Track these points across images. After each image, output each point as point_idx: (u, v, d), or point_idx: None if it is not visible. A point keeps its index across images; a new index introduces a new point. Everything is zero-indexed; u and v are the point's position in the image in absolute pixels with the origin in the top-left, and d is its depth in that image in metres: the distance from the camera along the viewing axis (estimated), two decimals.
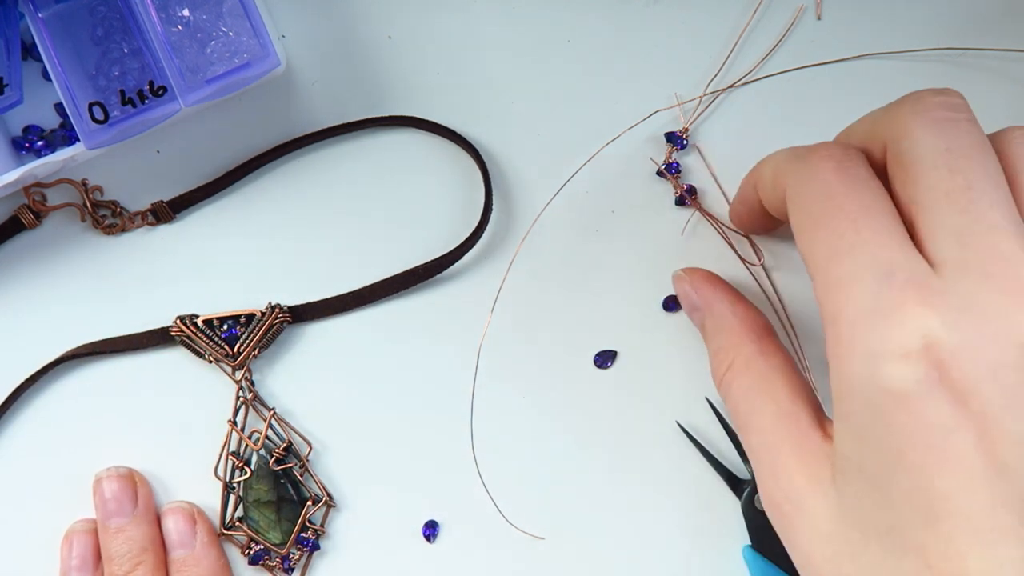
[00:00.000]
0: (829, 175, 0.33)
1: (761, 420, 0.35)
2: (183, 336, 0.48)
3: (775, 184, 0.36)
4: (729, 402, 0.38)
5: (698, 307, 0.41)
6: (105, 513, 0.46)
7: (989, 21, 0.49)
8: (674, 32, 0.49)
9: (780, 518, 0.33)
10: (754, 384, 0.36)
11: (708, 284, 0.41)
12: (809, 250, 0.33)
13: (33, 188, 0.48)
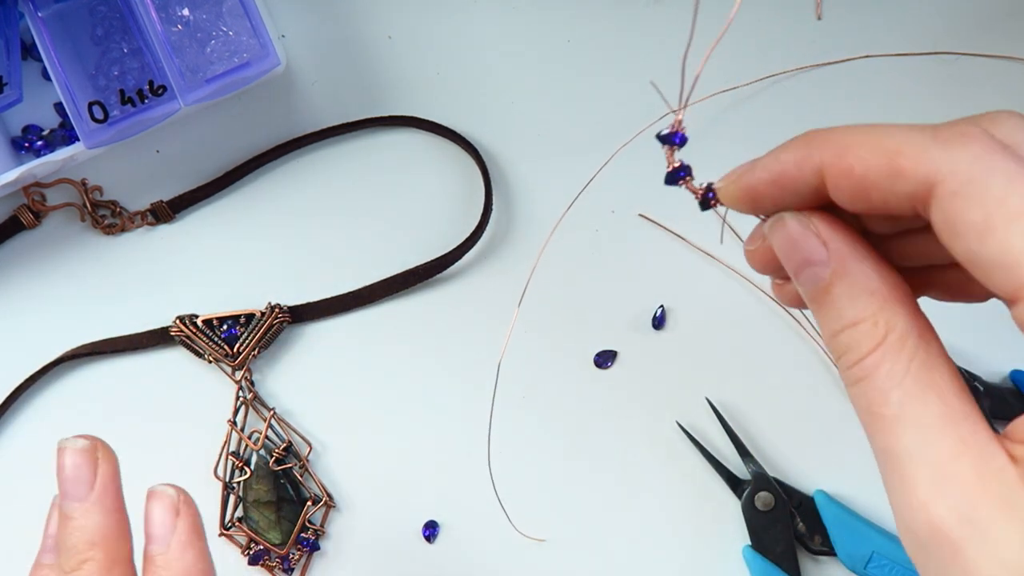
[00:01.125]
0: None
1: (924, 416, 0.28)
2: (183, 336, 0.48)
3: (905, 171, 0.27)
4: (871, 387, 0.29)
5: (822, 261, 0.30)
6: (61, 491, 0.38)
7: (988, 24, 0.49)
8: (674, 33, 0.49)
9: (944, 540, 0.27)
10: (914, 370, 0.29)
11: (843, 233, 0.30)
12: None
13: (33, 188, 0.48)
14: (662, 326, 0.48)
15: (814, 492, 0.46)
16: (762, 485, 0.46)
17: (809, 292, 0.30)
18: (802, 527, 0.46)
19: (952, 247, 0.25)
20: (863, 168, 0.28)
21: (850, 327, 0.29)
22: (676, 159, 0.35)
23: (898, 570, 0.45)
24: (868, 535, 0.45)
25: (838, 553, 0.45)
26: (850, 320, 0.29)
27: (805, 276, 0.30)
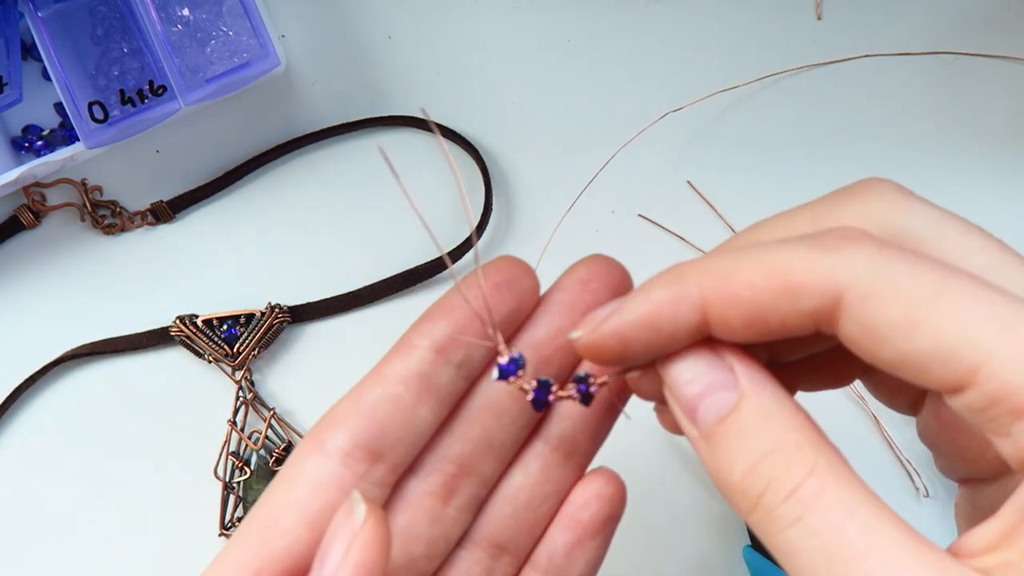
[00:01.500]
0: None
1: (890, 549, 0.23)
2: (183, 336, 0.48)
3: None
4: (820, 523, 0.24)
5: (727, 385, 0.25)
6: None
7: (988, 23, 0.49)
8: (674, 32, 0.49)
9: None
10: (857, 498, 0.24)
11: (748, 363, 0.25)
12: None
13: (33, 188, 0.48)
14: None
15: None
16: None
17: (708, 423, 0.24)
18: None
19: (876, 353, 0.22)
20: (752, 293, 0.23)
21: (771, 455, 0.24)
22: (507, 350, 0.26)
23: None
24: None
25: None
26: (769, 446, 0.24)
27: (705, 406, 0.25)
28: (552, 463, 0.27)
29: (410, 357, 0.26)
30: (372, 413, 0.25)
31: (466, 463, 0.26)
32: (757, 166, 0.49)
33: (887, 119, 0.49)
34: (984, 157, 0.48)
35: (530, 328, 0.27)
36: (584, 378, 0.26)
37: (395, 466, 0.25)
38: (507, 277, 0.26)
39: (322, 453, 0.25)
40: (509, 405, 0.26)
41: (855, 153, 0.49)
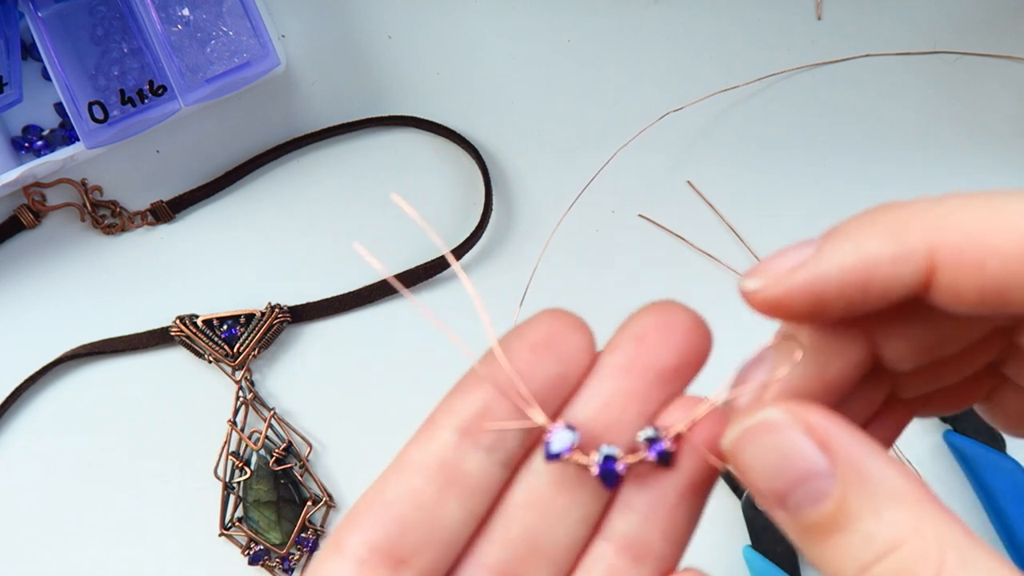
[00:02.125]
0: None
1: None
2: (183, 336, 0.48)
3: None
4: None
5: (822, 472, 0.20)
6: None
7: (989, 23, 0.49)
8: (674, 33, 0.49)
9: None
10: None
11: (845, 431, 0.20)
12: None
13: (33, 188, 0.48)
14: None
15: None
16: None
17: (807, 518, 0.20)
18: None
19: None
20: (1002, 262, 0.19)
21: (890, 553, 0.20)
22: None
23: None
24: None
25: None
26: (886, 543, 0.20)
27: (798, 498, 0.20)
28: (620, 569, 0.22)
29: (431, 441, 0.22)
30: (391, 510, 0.21)
31: (509, 572, 0.21)
32: (757, 166, 0.49)
33: (887, 119, 0.49)
34: (985, 157, 0.48)
35: (577, 400, 0.22)
36: (653, 436, 0.21)
37: (423, 573, 0.21)
38: (546, 336, 0.21)
39: (340, 557, 0.21)
40: (555, 497, 0.21)
41: (855, 153, 0.49)
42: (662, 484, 0.21)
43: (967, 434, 0.46)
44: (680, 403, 0.21)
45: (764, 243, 0.48)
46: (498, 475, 0.21)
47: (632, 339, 0.21)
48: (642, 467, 0.21)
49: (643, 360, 0.21)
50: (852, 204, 0.50)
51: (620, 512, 0.22)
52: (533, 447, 0.22)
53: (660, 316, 0.22)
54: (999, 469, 0.46)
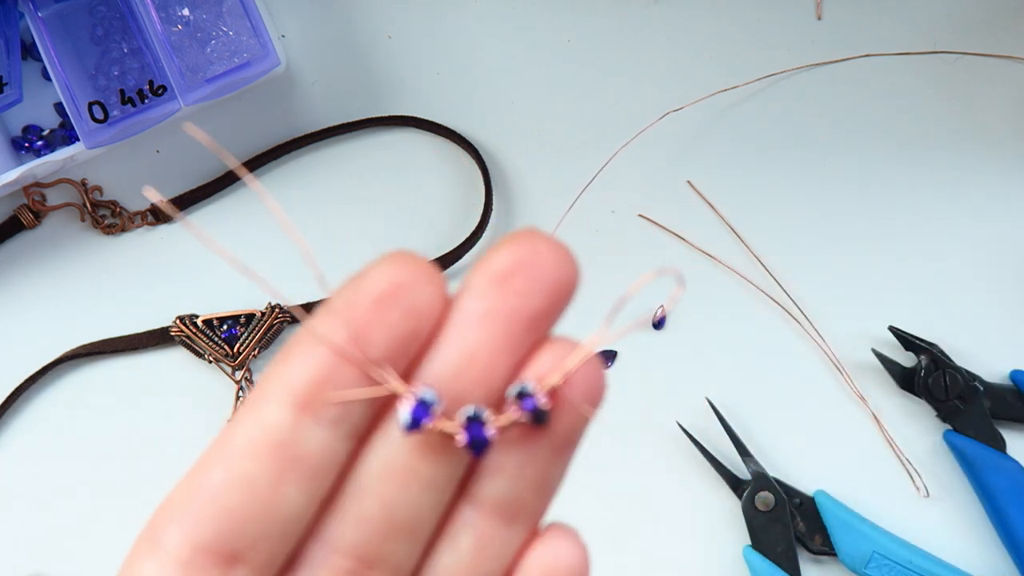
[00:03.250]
0: None
1: None
2: (183, 336, 0.48)
3: None
4: None
5: None
6: None
7: (989, 23, 0.49)
8: (674, 33, 0.49)
9: None
10: None
11: None
12: None
13: (33, 188, 0.48)
14: (662, 326, 0.48)
15: (814, 492, 0.46)
16: (762, 485, 0.46)
17: None
18: (802, 527, 0.46)
19: None
20: None
21: None
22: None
23: (898, 570, 0.45)
24: (868, 535, 0.45)
25: (838, 553, 0.45)
26: None
27: None
28: (489, 534, 0.19)
29: (261, 417, 0.18)
30: (217, 502, 0.18)
31: (366, 553, 0.19)
32: (757, 166, 0.49)
33: (887, 119, 0.49)
34: (985, 157, 0.48)
35: (431, 358, 0.18)
36: (528, 391, 0.18)
37: (261, 569, 0.18)
38: (392, 286, 0.18)
39: (157, 558, 0.19)
40: (416, 465, 0.18)
41: (855, 153, 0.49)
42: (535, 443, 0.19)
43: (967, 434, 0.46)
44: (549, 348, 0.18)
45: (764, 243, 0.48)
46: (343, 449, 0.18)
47: (494, 281, 0.18)
48: (512, 428, 0.18)
49: (509, 305, 0.18)
50: (852, 204, 0.50)
51: (489, 476, 0.19)
52: (383, 412, 0.19)
53: (524, 251, 0.18)
54: (999, 469, 0.46)
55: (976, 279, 0.48)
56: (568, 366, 0.18)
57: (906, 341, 0.47)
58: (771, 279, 0.48)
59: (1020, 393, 0.46)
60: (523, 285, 0.18)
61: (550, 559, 0.20)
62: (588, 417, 0.19)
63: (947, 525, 0.47)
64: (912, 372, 0.47)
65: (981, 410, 0.46)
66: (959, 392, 0.46)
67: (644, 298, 0.48)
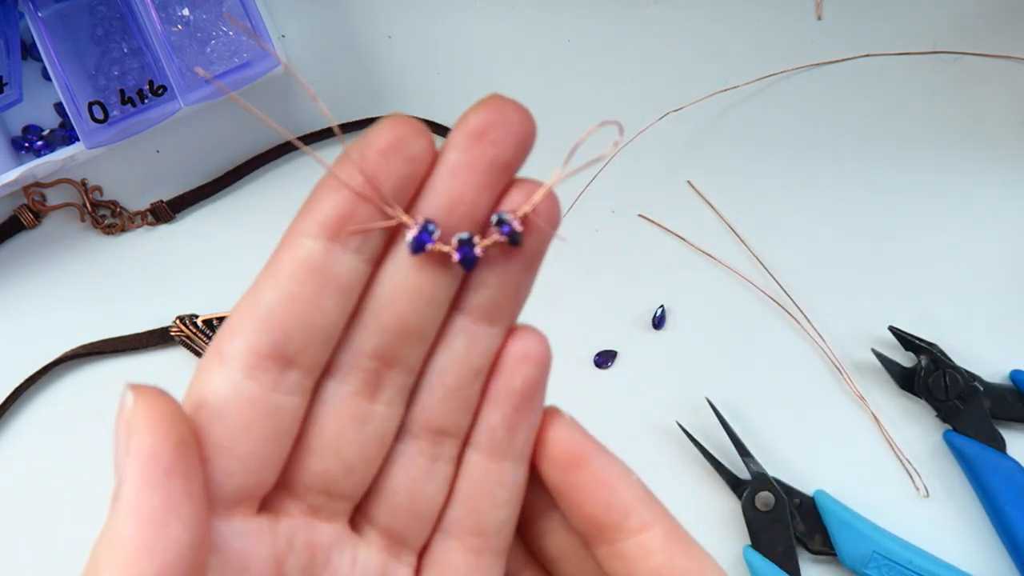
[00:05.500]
0: None
1: None
2: (183, 336, 0.48)
3: None
4: None
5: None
6: None
7: (988, 23, 0.49)
8: (674, 33, 0.49)
9: None
10: None
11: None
12: None
13: (33, 188, 0.48)
14: (662, 326, 0.48)
15: (814, 492, 0.46)
16: (762, 485, 0.46)
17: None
18: (802, 527, 0.46)
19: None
20: None
21: None
22: None
23: (898, 570, 0.45)
24: (868, 535, 0.45)
25: (838, 553, 0.45)
26: None
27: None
28: (476, 335, 0.24)
29: (299, 248, 0.23)
30: (271, 316, 0.22)
31: (386, 354, 0.24)
32: (757, 166, 0.49)
33: (887, 119, 0.49)
34: (985, 157, 0.48)
35: (429, 195, 0.23)
36: (505, 219, 0.23)
37: (309, 370, 0.23)
38: (392, 140, 0.22)
39: (225, 366, 0.22)
40: (421, 283, 0.23)
41: (855, 153, 0.49)
42: (511, 259, 0.24)
43: (967, 434, 0.46)
44: (518, 187, 0.24)
45: (764, 243, 0.48)
46: (364, 271, 0.23)
47: (472, 137, 0.23)
48: (493, 247, 0.23)
49: (485, 155, 0.23)
50: (852, 204, 0.50)
51: (475, 288, 0.24)
52: (392, 242, 0.23)
53: (494, 112, 0.23)
54: (999, 469, 0.46)
55: (976, 279, 0.48)
56: (534, 199, 0.23)
57: (906, 341, 0.47)
58: (771, 279, 0.48)
59: (1020, 393, 0.46)
60: (495, 138, 0.23)
61: (521, 348, 0.25)
62: (550, 235, 0.24)
63: (947, 525, 0.47)
64: (912, 372, 0.47)
65: (981, 410, 0.46)
66: (959, 392, 0.46)
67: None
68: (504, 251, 0.24)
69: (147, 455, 0.21)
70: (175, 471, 0.21)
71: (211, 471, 0.22)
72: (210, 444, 0.22)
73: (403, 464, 0.25)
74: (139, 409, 0.21)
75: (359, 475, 0.24)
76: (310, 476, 0.24)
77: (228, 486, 0.22)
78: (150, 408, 0.21)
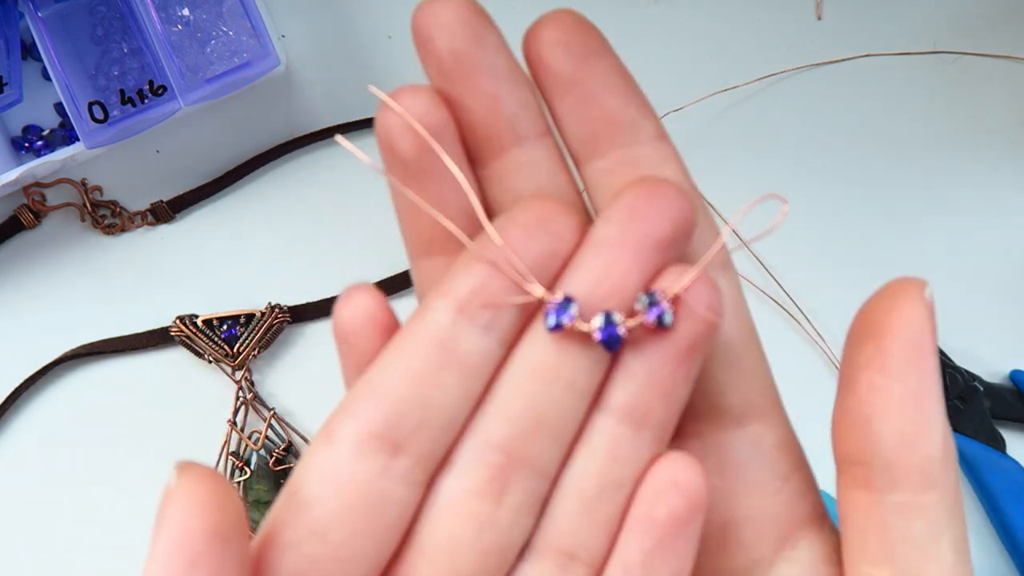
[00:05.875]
0: None
1: None
2: (183, 336, 0.48)
3: None
4: None
5: None
6: None
7: (988, 23, 0.49)
8: (674, 33, 0.49)
9: None
10: None
11: None
12: None
13: (33, 188, 0.48)
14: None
15: None
16: None
17: None
18: None
19: None
20: None
21: None
22: None
23: None
24: None
25: None
26: None
27: None
28: (620, 439, 0.21)
29: (426, 323, 0.20)
30: (386, 395, 0.20)
31: (515, 450, 0.21)
32: (757, 166, 0.49)
33: (887, 119, 0.49)
34: (985, 157, 0.48)
35: (573, 272, 0.21)
36: (654, 298, 0.20)
37: (422, 458, 0.20)
38: (537, 216, 0.21)
39: (332, 447, 0.20)
40: (559, 364, 0.21)
41: (855, 153, 0.49)
42: (661, 348, 0.21)
43: (967, 434, 0.46)
44: (672, 271, 0.21)
45: (764, 243, 0.48)
46: (495, 353, 0.21)
47: (625, 210, 0.21)
48: (641, 331, 0.21)
49: (639, 230, 0.21)
50: (852, 204, 0.50)
51: (620, 382, 0.21)
52: (528, 323, 0.21)
53: (650, 188, 0.21)
54: (999, 469, 0.46)
55: (976, 279, 0.48)
56: (684, 279, 0.21)
57: None
58: (771, 279, 0.48)
59: (1020, 393, 0.46)
60: (650, 212, 0.21)
61: (669, 473, 0.21)
62: (710, 324, 0.21)
63: None
64: None
65: (981, 410, 0.46)
66: (959, 392, 0.46)
67: None
68: (654, 337, 0.21)
69: (174, 541, 0.19)
70: (202, 563, 0.19)
71: (295, 558, 0.20)
72: (300, 530, 0.20)
73: None
74: (179, 489, 0.19)
75: None
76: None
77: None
78: (191, 489, 0.19)
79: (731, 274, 0.24)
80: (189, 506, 0.19)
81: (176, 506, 0.19)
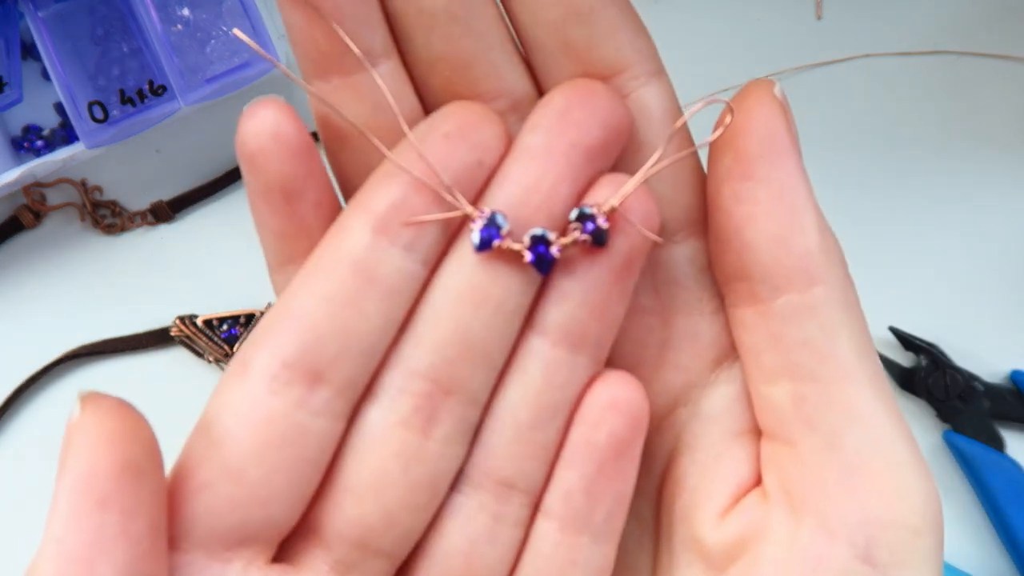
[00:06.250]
0: None
1: None
2: (183, 336, 0.48)
3: None
4: None
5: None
6: None
7: (988, 23, 0.49)
8: (674, 32, 0.49)
9: None
10: None
11: None
12: None
13: (33, 188, 0.48)
14: None
15: None
16: None
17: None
18: None
19: None
20: None
21: None
22: None
23: None
24: None
25: None
26: None
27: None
28: (556, 362, 0.20)
29: (342, 242, 0.19)
30: (302, 321, 0.19)
31: (442, 377, 0.19)
32: None
33: (887, 119, 0.49)
34: (985, 157, 0.48)
35: (499, 184, 0.19)
36: (588, 214, 0.19)
37: (343, 388, 0.19)
38: (459, 125, 0.19)
39: (246, 379, 0.19)
40: (487, 286, 0.19)
41: (855, 153, 0.49)
42: (596, 266, 0.19)
43: (967, 434, 0.46)
44: (606, 181, 0.19)
45: None
46: (418, 274, 0.19)
47: (554, 115, 0.19)
48: (575, 249, 0.19)
49: (568, 137, 0.19)
50: (851, 204, 0.50)
51: (554, 302, 0.19)
52: (453, 241, 0.19)
53: (580, 91, 0.19)
54: (999, 469, 0.46)
55: (976, 279, 0.48)
56: (624, 190, 0.19)
57: (906, 341, 0.47)
58: None
59: (1020, 393, 0.46)
60: (580, 118, 0.19)
61: (608, 394, 0.20)
62: (645, 240, 0.19)
63: (947, 525, 0.47)
64: (912, 372, 0.47)
65: (981, 410, 0.46)
66: (959, 392, 0.46)
67: None
68: (588, 255, 0.19)
69: (80, 479, 0.17)
70: (111, 502, 0.17)
71: (210, 499, 0.19)
72: (214, 468, 0.19)
73: (460, 520, 0.20)
74: (83, 422, 0.17)
75: (403, 527, 0.19)
76: (342, 522, 0.19)
77: (230, 520, 0.19)
78: (96, 423, 0.17)
79: (663, 80, 0.22)
80: (95, 440, 0.17)
81: (81, 441, 0.17)
